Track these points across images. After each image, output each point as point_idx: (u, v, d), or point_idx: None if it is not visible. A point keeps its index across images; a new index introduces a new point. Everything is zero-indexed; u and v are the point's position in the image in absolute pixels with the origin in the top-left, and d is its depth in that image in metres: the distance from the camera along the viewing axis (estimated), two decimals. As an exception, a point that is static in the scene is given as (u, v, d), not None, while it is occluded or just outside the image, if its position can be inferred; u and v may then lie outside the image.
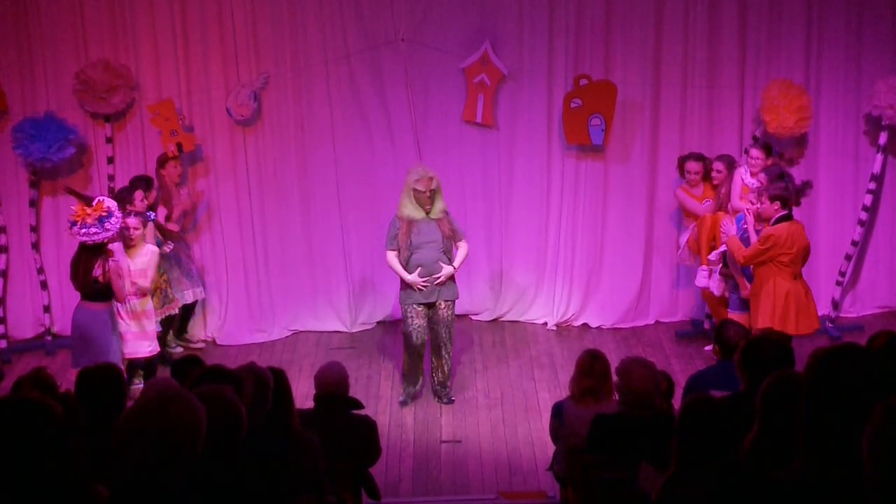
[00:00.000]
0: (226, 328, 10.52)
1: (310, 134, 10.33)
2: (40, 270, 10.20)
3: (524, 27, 10.19)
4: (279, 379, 5.41)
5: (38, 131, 9.75)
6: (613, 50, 10.21)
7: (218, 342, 10.45)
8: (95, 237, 8.08)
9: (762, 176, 9.05)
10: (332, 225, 10.52)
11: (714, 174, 9.65)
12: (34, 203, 10.21)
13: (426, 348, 8.89)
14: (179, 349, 10.15)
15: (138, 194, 9.26)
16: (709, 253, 9.47)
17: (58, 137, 9.76)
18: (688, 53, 10.23)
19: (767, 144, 9.60)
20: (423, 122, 10.33)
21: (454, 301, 8.84)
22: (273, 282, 10.56)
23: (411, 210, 8.64)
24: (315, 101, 10.28)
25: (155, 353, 8.85)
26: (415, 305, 8.72)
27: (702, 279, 9.65)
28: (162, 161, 9.86)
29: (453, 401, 8.99)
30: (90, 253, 8.17)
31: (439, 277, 8.64)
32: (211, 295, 10.50)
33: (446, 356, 8.87)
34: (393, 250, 8.71)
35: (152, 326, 8.89)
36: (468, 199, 10.49)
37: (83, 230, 8.08)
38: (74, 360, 8.40)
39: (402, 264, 8.67)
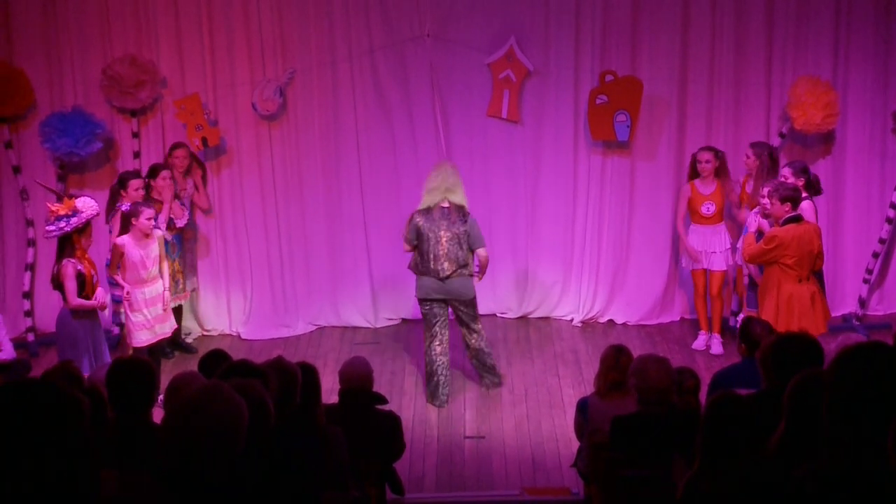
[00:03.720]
0: (250, 323, 10.56)
1: (334, 129, 10.35)
2: (67, 264, 10.26)
3: (550, 23, 10.16)
4: (308, 374, 5.41)
5: (65, 126, 9.82)
6: (640, 46, 10.17)
7: (242, 337, 10.50)
8: (47, 235, 8.37)
9: (786, 170, 9.04)
10: (355, 220, 10.53)
11: (745, 159, 9.58)
12: (61, 198, 10.25)
13: (447, 349, 8.90)
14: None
15: (133, 183, 9.26)
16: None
17: (85, 132, 9.83)
18: (714, 49, 10.18)
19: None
20: (448, 117, 10.32)
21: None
22: (297, 276, 10.59)
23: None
24: (340, 97, 10.29)
25: (153, 342, 8.84)
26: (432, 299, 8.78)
27: (700, 342, 9.91)
28: (169, 153, 9.85)
29: (498, 383, 9.12)
30: (59, 250, 8.32)
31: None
32: (235, 290, 10.57)
33: (476, 332, 8.92)
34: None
35: (153, 314, 8.82)
36: (493, 196, 10.49)
37: (46, 226, 8.37)
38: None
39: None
